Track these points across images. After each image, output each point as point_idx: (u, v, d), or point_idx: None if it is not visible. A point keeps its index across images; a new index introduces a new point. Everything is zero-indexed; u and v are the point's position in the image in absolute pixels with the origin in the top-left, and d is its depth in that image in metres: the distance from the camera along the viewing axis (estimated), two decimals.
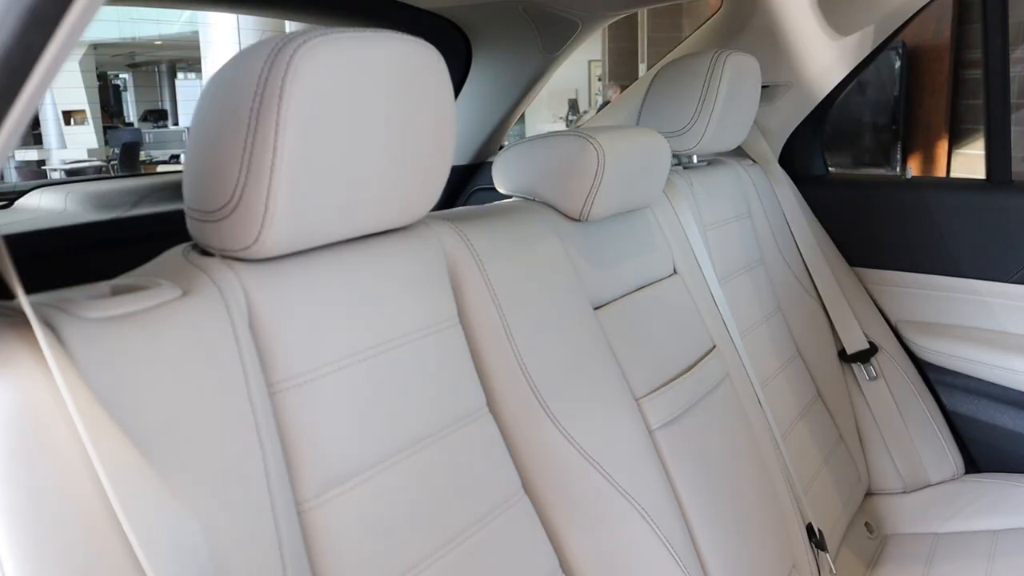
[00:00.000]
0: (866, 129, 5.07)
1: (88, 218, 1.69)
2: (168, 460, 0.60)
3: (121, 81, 16.18)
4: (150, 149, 10.55)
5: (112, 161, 10.21)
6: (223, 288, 0.70)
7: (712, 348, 1.28)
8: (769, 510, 1.23)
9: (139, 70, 15.81)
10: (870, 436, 1.75)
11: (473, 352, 0.92)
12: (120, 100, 15.84)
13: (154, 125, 13.04)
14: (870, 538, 1.62)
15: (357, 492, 0.74)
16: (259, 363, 0.71)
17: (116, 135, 10.80)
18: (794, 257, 1.76)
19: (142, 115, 14.43)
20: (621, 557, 0.95)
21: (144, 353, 0.62)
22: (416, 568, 0.76)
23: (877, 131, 5.03)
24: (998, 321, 1.70)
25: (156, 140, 10.65)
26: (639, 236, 1.25)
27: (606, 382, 1.02)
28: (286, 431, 0.71)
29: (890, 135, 5.00)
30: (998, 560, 1.42)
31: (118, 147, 9.91)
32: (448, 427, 0.85)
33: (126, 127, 12.91)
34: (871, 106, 5.02)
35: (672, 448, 1.08)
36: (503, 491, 0.88)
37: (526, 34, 1.75)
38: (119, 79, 16.04)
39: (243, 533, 0.62)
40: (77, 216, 1.71)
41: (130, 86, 15.96)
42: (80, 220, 1.65)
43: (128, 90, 16.02)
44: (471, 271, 0.93)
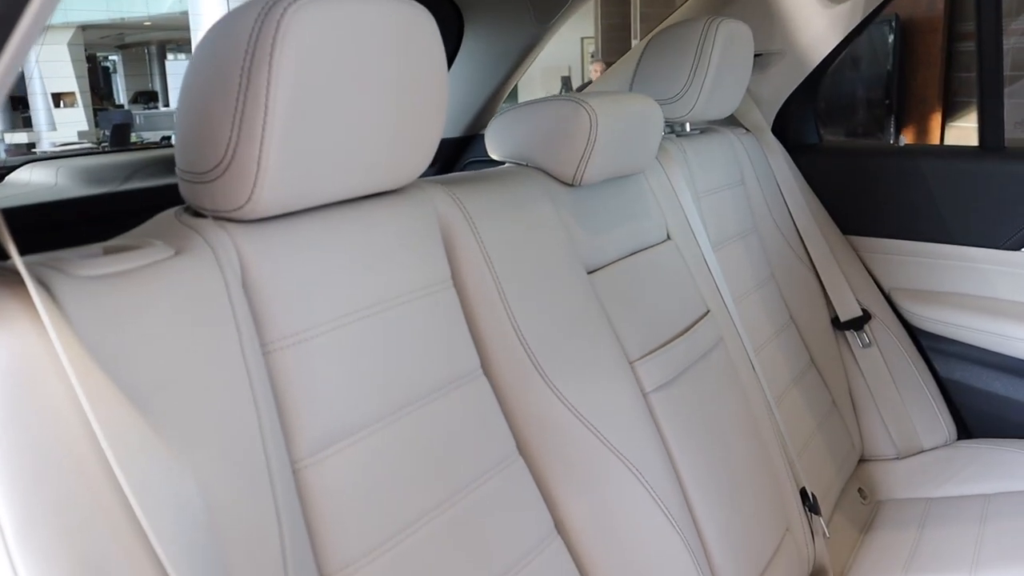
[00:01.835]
0: (860, 104, 5.07)
1: (79, 192, 1.68)
2: (162, 416, 0.60)
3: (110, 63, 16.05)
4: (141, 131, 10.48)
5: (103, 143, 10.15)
6: (216, 248, 0.70)
7: (706, 313, 1.28)
8: (763, 474, 1.23)
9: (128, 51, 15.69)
10: (863, 403, 1.76)
11: (467, 315, 0.92)
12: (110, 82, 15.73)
13: (145, 107, 12.95)
14: (863, 504, 1.63)
15: (352, 451, 0.74)
16: (253, 322, 0.71)
17: (106, 117, 10.73)
18: (787, 225, 1.77)
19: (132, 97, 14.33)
20: (616, 518, 0.96)
21: (137, 310, 0.62)
22: (411, 527, 0.77)
23: (871, 106, 5.02)
24: (991, 287, 1.71)
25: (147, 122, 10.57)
26: (632, 202, 1.25)
27: (600, 345, 1.02)
28: (280, 390, 0.71)
29: (884, 110, 4.99)
30: (989, 523, 1.43)
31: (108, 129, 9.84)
32: (442, 388, 0.85)
33: (116, 109, 12.82)
34: (864, 81, 5.01)
35: (666, 411, 1.09)
36: (498, 453, 0.88)
37: (518, 3, 1.74)
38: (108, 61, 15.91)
39: (238, 490, 0.63)
40: (68, 191, 1.70)
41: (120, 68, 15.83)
42: (71, 195, 1.64)
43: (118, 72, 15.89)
44: (464, 233, 0.93)
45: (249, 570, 0.61)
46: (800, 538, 1.29)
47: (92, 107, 11.62)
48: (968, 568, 1.33)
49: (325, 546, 0.70)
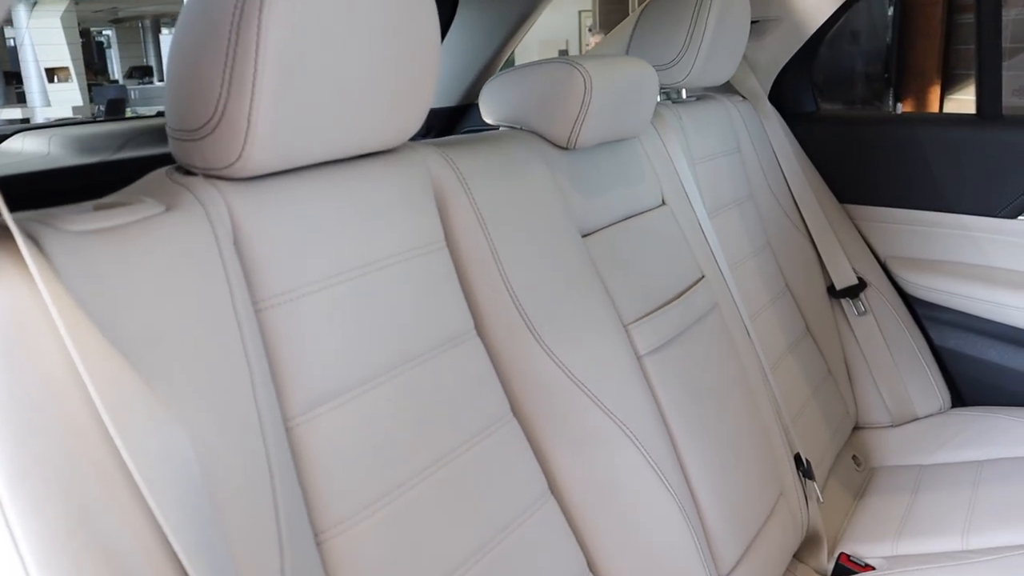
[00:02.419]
0: (858, 78, 5.04)
1: (72, 162, 1.68)
2: (153, 370, 0.60)
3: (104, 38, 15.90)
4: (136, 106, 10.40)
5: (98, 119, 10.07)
6: (207, 204, 0.69)
7: (701, 278, 1.28)
8: (757, 438, 1.24)
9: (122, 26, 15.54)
10: (858, 371, 1.77)
11: (460, 275, 0.92)
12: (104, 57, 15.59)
13: (139, 81, 12.85)
14: (857, 470, 1.64)
15: (344, 410, 0.75)
16: (244, 279, 0.70)
17: (101, 92, 10.64)
18: (783, 193, 1.76)
19: (127, 72, 14.21)
20: (610, 480, 0.96)
21: (127, 266, 0.62)
22: (404, 486, 0.77)
23: (870, 80, 4.99)
24: (986, 256, 1.71)
25: (142, 97, 10.49)
26: (627, 166, 1.24)
27: (594, 307, 1.02)
28: (272, 348, 0.71)
29: (883, 83, 4.96)
30: (981, 488, 1.44)
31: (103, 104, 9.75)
32: (435, 348, 0.85)
33: (111, 84, 12.72)
34: (863, 55, 4.98)
35: (660, 374, 1.09)
36: (491, 413, 0.89)
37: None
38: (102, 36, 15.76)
39: (230, 445, 0.63)
40: (61, 160, 1.70)
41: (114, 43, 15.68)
42: (64, 164, 1.63)
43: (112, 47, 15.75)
44: (457, 194, 0.93)
45: (242, 524, 0.61)
46: (794, 503, 1.30)
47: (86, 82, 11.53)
48: (960, 532, 1.34)
49: (318, 503, 0.71)
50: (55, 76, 11.16)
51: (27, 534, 0.51)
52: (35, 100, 11.09)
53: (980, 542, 1.32)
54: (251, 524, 0.62)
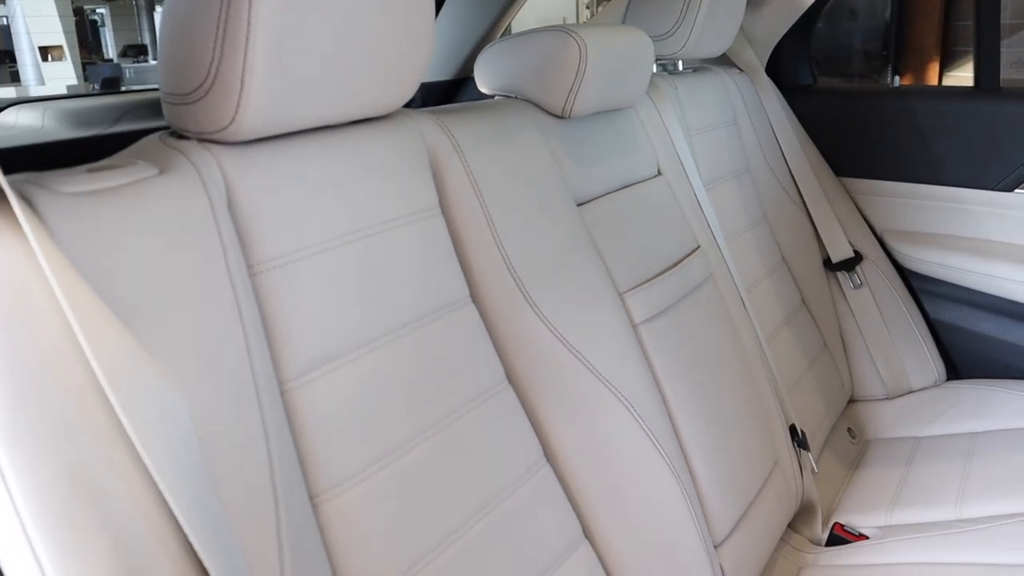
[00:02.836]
0: (857, 55, 5.01)
1: (66, 135, 1.67)
2: (147, 331, 0.60)
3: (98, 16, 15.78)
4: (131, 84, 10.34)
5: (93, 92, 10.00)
6: (200, 168, 0.69)
7: (696, 248, 1.28)
8: (753, 408, 1.24)
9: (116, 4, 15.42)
10: (854, 343, 1.77)
11: (455, 242, 0.92)
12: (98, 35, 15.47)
13: (134, 60, 12.76)
14: (852, 443, 1.65)
15: (339, 374, 0.75)
16: (238, 243, 0.70)
17: (95, 71, 10.57)
18: (780, 166, 1.76)
19: (121, 50, 14.11)
20: (605, 447, 0.97)
21: (121, 227, 0.62)
22: (399, 450, 0.77)
23: (868, 57, 4.97)
24: (982, 229, 1.71)
25: (136, 75, 10.44)
26: (623, 136, 1.24)
27: (589, 276, 1.02)
28: (267, 311, 0.71)
29: (881, 60, 4.94)
30: (975, 459, 1.45)
31: (98, 83, 9.71)
32: (430, 315, 0.85)
33: (105, 63, 12.64)
34: (862, 31, 4.95)
35: (656, 343, 1.09)
36: (486, 380, 0.89)
37: None
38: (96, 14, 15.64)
39: (225, 407, 0.63)
40: (55, 133, 1.69)
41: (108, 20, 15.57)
42: (58, 137, 1.63)
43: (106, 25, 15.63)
44: (452, 161, 0.93)
45: (237, 485, 0.62)
46: (789, 473, 1.30)
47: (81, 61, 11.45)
48: (954, 502, 1.35)
49: (313, 466, 0.71)
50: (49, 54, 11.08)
51: (24, 492, 0.51)
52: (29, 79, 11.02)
53: (973, 512, 1.33)
54: (247, 485, 0.62)
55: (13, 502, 0.51)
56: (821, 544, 1.35)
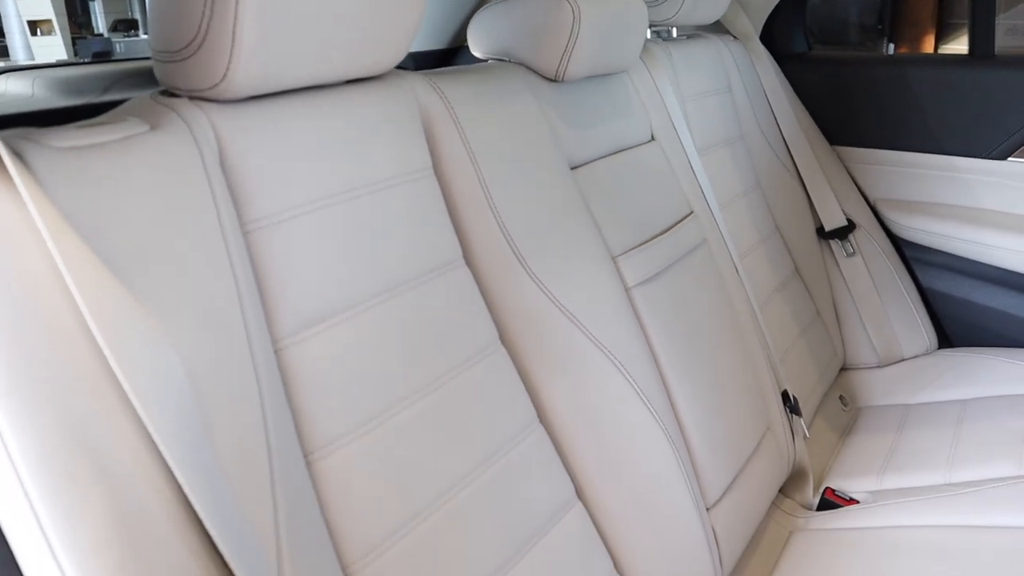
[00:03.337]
0: (852, 28, 4.99)
1: (56, 104, 1.66)
2: (139, 286, 0.60)
3: None
4: None
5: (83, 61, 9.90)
6: (192, 124, 0.69)
7: (690, 213, 1.28)
8: (745, 373, 1.25)
9: None
10: (846, 312, 1.78)
11: (448, 204, 0.92)
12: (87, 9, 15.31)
13: (124, 35, 12.64)
14: (844, 410, 1.66)
15: (333, 333, 0.75)
16: (231, 200, 0.70)
17: (85, 46, 10.44)
18: (774, 134, 1.76)
19: (112, 25, 13.99)
20: (598, 409, 0.97)
21: (113, 182, 0.61)
22: (392, 409, 0.78)
23: (864, 30, 4.95)
24: (975, 197, 1.71)
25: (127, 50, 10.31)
26: (616, 101, 1.24)
27: (582, 239, 1.02)
28: (261, 269, 0.71)
29: (876, 34, 4.93)
30: (965, 425, 1.46)
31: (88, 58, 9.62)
32: (423, 275, 0.85)
33: (95, 37, 12.52)
34: (857, 4, 4.93)
35: (649, 306, 1.09)
36: (480, 341, 0.89)
37: None
38: None
39: (218, 363, 0.63)
40: (45, 102, 1.68)
41: None
42: (48, 106, 1.62)
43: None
44: (445, 123, 0.92)
45: (231, 440, 0.62)
46: (781, 438, 1.31)
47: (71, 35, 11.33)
48: (944, 467, 1.36)
49: (307, 424, 0.71)
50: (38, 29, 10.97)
51: (20, 444, 0.51)
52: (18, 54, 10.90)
53: (962, 476, 1.34)
54: (241, 440, 0.62)
55: (9, 454, 0.51)
56: (812, 509, 1.36)
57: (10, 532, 0.51)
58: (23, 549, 0.51)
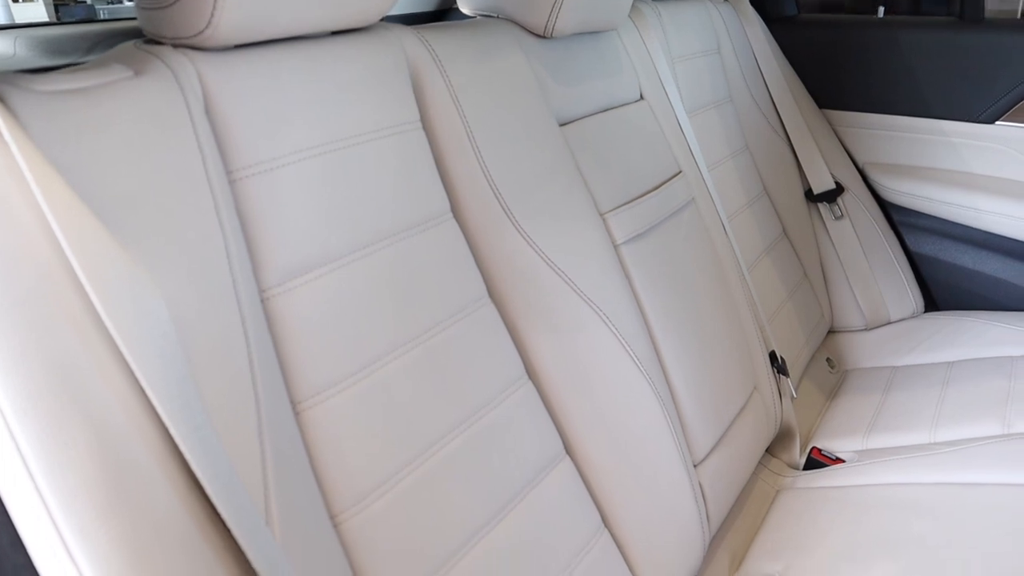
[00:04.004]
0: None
1: (39, 64, 1.64)
2: (123, 231, 0.60)
3: None
4: None
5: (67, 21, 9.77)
6: (176, 71, 0.68)
7: (678, 173, 1.28)
8: (733, 333, 1.25)
9: None
10: (834, 275, 1.79)
11: (436, 158, 0.92)
12: None
13: (108, 1, 12.48)
14: (831, 372, 1.67)
15: (320, 283, 0.75)
16: (217, 148, 0.69)
17: (68, 12, 10.30)
18: (763, 97, 1.75)
19: None
20: (587, 364, 0.97)
21: (96, 126, 0.61)
22: (379, 361, 0.78)
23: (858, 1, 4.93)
24: (963, 161, 1.71)
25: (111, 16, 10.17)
26: (605, 59, 1.23)
27: (571, 194, 1.02)
28: (247, 218, 0.71)
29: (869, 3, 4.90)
30: (951, 386, 1.47)
31: None
32: (412, 228, 0.85)
33: (78, 3, 12.37)
34: None
35: (637, 263, 1.09)
36: (468, 295, 0.89)
37: None
38: None
39: (206, 311, 0.63)
40: (28, 62, 1.65)
41: None
42: (31, 66, 1.59)
43: None
44: (433, 76, 0.91)
45: (219, 388, 0.62)
46: (768, 397, 1.32)
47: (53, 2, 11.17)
48: (929, 426, 1.38)
49: (294, 373, 0.71)
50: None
51: (5, 387, 0.51)
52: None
53: (947, 435, 1.35)
54: (227, 387, 0.62)
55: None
56: (799, 468, 1.38)
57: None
58: (10, 492, 0.51)
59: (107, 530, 0.51)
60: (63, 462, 0.51)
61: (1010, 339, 1.57)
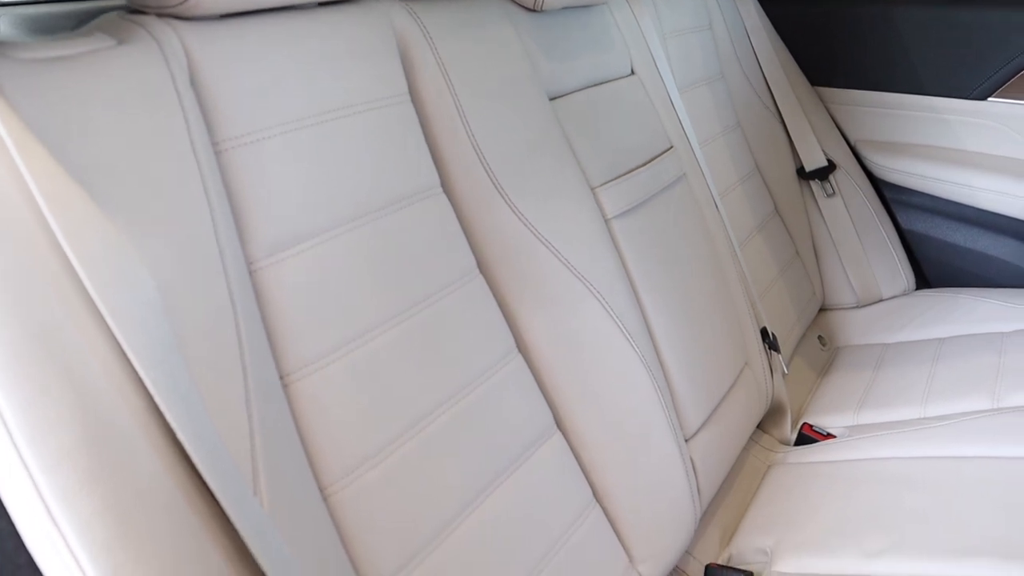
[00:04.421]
0: None
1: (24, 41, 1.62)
2: (108, 200, 0.59)
3: None
4: None
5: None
6: (160, 40, 0.67)
7: (669, 148, 1.27)
8: (724, 308, 1.25)
9: None
10: (826, 252, 1.79)
11: (425, 131, 0.91)
12: None
13: None
14: (822, 350, 1.67)
15: (308, 255, 0.74)
16: (202, 118, 0.69)
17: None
18: (755, 74, 1.74)
19: None
20: (577, 339, 0.97)
21: (79, 95, 0.60)
22: (369, 333, 0.77)
23: None
24: (956, 138, 1.71)
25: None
26: (596, 33, 1.22)
27: (561, 168, 1.02)
28: (233, 189, 0.70)
29: None
30: (941, 362, 1.47)
31: None
32: (401, 201, 0.84)
33: None
34: None
35: (628, 238, 1.09)
36: (458, 269, 0.88)
37: None
38: None
39: (192, 282, 0.62)
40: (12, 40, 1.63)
41: None
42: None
43: None
44: (421, 48, 0.91)
45: (205, 358, 0.61)
46: (759, 373, 1.32)
47: None
48: (919, 402, 1.38)
49: (283, 345, 0.71)
50: None
51: None
52: None
53: (938, 410, 1.35)
54: (214, 359, 0.62)
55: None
56: (790, 444, 1.38)
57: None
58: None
59: (90, 497, 0.50)
60: (46, 429, 0.50)
61: (1001, 315, 1.57)
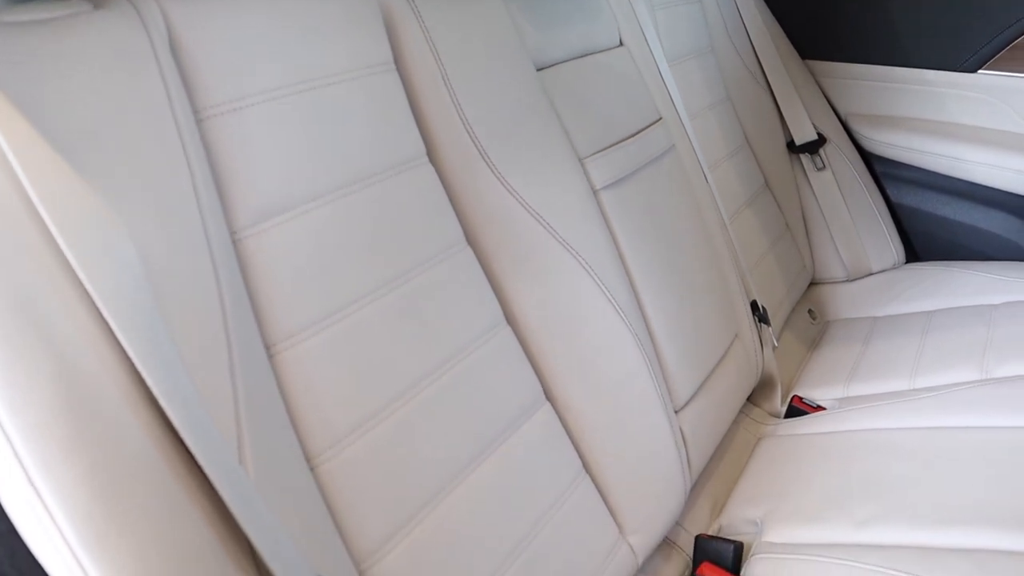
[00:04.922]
0: None
1: None
2: (88, 168, 0.58)
3: None
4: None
5: None
6: (139, 6, 0.66)
7: (658, 119, 1.26)
8: (714, 281, 1.25)
9: None
10: (816, 226, 1.79)
11: (411, 101, 0.90)
12: None
13: None
14: (812, 323, 1.67)
15: (292, 225, 0.73)
16: (183, 85, 0.68)
17: None
18: (745, 47, 1.73)
19: None
20: (566, 310, 0.97)
21: (54, 59, 0.59)
22: (354, 305, 0.76)
23: None
24: (947, 111, 1.70)
25: None
26: (584, 4, 1.21)
27: (548, 139, 1.01)
28: (216, 158, 0.69)
29: None
30: (930, 335, 1.48)
31: None
32: (386, 171, 0.83)
33: None
34: None
35: (616, 209, 1.08)
36: (444, 239, 0.88)
37: None
38: None
39: (174, 250, 0.61)
40: None
41: None
42: None
43: None
44: (407, 18, 0.89)
45: (188, 327, 0.61)
46: (749, 346, 1.32)
47: None
48: (908, 374, 1.38)
49: (268, 316, 0.70)
50: None
51: None
52: None
53: (926, 382, 1.36)
54: (198, 328, 0.61)
55: None
56: (780, 417, 1.38)
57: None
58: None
59: (72, 465, 0.50)
60: (25, 396, 0.50)
61: (990, 288, 1.57)
